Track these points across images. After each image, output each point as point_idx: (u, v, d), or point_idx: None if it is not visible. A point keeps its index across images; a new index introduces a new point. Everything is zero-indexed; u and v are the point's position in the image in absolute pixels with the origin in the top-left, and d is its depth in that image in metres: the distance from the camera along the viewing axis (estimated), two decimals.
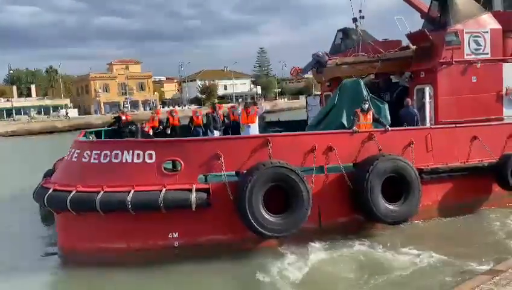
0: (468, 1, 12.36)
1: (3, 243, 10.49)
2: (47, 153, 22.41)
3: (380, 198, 9.01)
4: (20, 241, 10.73)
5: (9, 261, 9.28)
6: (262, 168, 8.28)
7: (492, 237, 9.54)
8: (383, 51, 13.22)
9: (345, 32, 15.55)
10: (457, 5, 11.98)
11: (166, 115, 16.34)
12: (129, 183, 8.24)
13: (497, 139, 10.90)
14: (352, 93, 11.12)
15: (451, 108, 11.81)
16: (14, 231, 11.46)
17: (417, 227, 10.05)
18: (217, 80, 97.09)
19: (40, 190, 8.90)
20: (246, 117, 11.20)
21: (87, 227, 8.57)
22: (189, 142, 9.07)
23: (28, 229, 11.59)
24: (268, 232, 8.26)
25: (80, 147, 8.99)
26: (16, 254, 9.87)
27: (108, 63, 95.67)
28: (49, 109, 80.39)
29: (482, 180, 10.71)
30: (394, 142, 9.80)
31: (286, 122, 17.12)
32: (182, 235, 8.58)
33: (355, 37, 14.62)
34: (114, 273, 8.24)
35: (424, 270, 7.86)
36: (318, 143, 9.13)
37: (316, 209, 9.08)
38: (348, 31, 15.45)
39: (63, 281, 8.64)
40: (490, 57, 12.12)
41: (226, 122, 15.13)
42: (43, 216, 12.10)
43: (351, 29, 15.29)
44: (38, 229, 11.48)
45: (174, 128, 15.86)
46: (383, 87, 13.96)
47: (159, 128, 15.65)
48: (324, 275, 8.00)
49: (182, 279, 8.13)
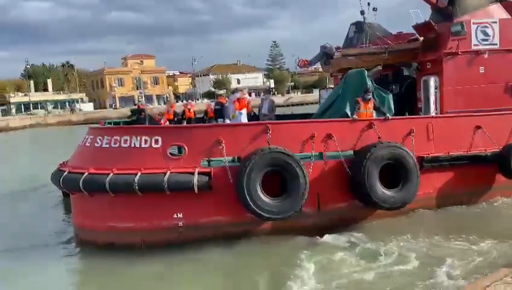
0: None
1: (27, 224, 11.33)
2: (65, 143, 23.45)
3: (377, 184, 9.27)
4: (42, 221, 11.52)
5: (33, 238, 10.10)
6: (260, 153, 8.70)
7: (494, 226, 9.64)
8: (395, 44, 13.36)
9: (358, 25, 15.69)
10: None
11: (183, 108, 17.01)
12: (136, 166, 8.80)
13: (501, 128, 10.93)
14: (356, 84, 11.35)
15: (458, 99, 11.87)
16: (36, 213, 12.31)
17: (417, 214, 10.24)
18: (229, 74, 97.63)
19: (56, 173, 9.62)
20: (237, 104, 11.37)
21: (98, 207, 9.21)
22: (192, 129, 9.60)
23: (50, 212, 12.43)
24: (265, 213, 8.68)
25: (93, 133, 9.65)
26: (38, 232, 10.66)
27: (123, 57, 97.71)
28: (65, 103, 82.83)
29: (484, 170, 10.78)
30: (394, 131, 10.01)
31: (299, 116, 17.43)
32: (185, 216, 9.09)
33: (369, 30, 14.80)
34: (124, 251, 8.83)
35: (423, 259, 7.97)
36: (317, 131, 9.46)
37: (315, 194, 9.44)
38: (361, 24, 15.62)
39: (77, 256, 9.32)
40: (499, 47, 12.09)
41: None
42: (63, 201, 12.92)
43: (364, 23, 15.46)
44: (59, 211, 12.34)
45: (189, 121, 16.51)
46: (392, 78, 14.11)
47: (175, 120, 16.33)
48: (321, 260, 8.25)
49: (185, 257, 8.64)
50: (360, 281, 7.32)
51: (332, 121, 10.09)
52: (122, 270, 8.31)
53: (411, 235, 9.10)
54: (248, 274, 8.03)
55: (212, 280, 7.97)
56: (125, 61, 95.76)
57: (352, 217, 9.85)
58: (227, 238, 8.95)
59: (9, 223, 11.51)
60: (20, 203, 13.80)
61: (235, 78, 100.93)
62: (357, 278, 7.45)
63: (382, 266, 7.84)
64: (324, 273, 7.67)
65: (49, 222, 11.54)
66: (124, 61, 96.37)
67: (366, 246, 8.74)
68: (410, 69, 13.36)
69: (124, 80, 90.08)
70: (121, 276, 8.14)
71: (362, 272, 7.61)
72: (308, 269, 7.79)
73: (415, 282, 7.14)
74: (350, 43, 15.56)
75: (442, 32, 11.88)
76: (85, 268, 9.02)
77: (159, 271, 8.26)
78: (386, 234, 9.18)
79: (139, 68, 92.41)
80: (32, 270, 8.44)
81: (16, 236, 10.38)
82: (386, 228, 9.53)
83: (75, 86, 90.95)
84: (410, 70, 13.43)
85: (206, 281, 7.87)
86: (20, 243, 9.84)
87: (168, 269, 8.34)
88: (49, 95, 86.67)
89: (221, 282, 8.02)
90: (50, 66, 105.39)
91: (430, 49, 12.19)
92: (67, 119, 65.14)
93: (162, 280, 8.02)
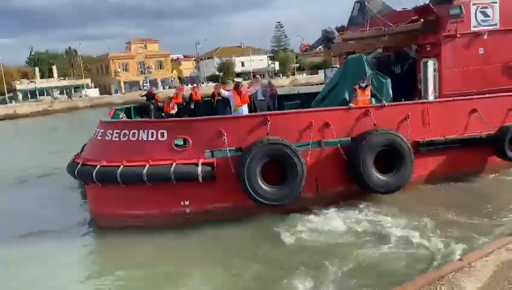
0: None
1: (48, 209, 12.16)
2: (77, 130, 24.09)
3: (372, 170, 9.75)
4: (62, 207, 12.35)
5: (54, 223, 10.85)
6: (260, 144, 9.22)
7: (493, 201, 9.98)
8: (399, 21, 13.42)
9: (362, 3, 15.75)
10: None
11: (190, 91, 17.48)
12: (145, 158, 9.43)
13: (497, 111, 11.19)
14: (355, 70, 11.67)
15: (457, 80, 12.09)
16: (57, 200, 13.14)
17: (417, 191, 10.67)
18: (234, 57, 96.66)
19: (71, 165, 10.33)
20: (238, 98, 11.02)
21: (111, 196, 9.90)
22: (196, 122, 10.10)
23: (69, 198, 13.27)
24: (265, 201, 9.28)
25: (103, 127, 10.25)
26: (58, 217, 11.43)
27: (127, 42, 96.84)
28: (71, 89, 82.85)
29: (480, 152, 11.13)
30: (390, 117, 10.38)
31: (304, 95, 17.78)
32: (192, 203, 9.76)
33: (373, 8, 14.82)
34: (136, 234, 9.56)
35: (424, 233, 8.41)
36: (315, 119, 9.90)
37: (313, 180, 9.99)
38: (365, 2, 15.64)
39: (94, 240, 10.09)
40: (499, 27, 12.16)
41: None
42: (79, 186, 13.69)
43: (368, 1, 15.47)
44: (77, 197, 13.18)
45: (197, 104, 17.02)
46: (394, 59, 14.29)
47: (183, 103, 16.85)
48: (317, 242, 8.73)
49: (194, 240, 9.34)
50: (357, 257, 7.81)
51: (329, 109, 10.48)
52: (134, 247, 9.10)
53: (411, 211, 9.51)
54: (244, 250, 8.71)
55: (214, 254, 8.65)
56: (129, 45, 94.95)
57: (350, 199, 10.36)
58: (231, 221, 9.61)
59: (29, 209, 12.33)
60: (41, 188, 14.66)
61: (240, 60, 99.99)
62: (352, 252, 7.96)
63: (383, 243, 8.23)
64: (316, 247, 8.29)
65: (68, 207, 12.33)
66: (128, 45, 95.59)
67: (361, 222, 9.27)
68: (412, 50, 13.52)
69: (129, 65, 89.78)
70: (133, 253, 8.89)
71: (357, 248, 8.13)
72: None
73: (418, 254, 7.59)
74: (355, 22, 15.67)
75: (441, 14, 11.97)
76: (101, 249, 9.75)
77: (169, 245, 9.06)
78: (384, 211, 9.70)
79: (143, 52, 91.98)
80: (53, 253, 9.18)
81: (36, 221, 11.15)
82: (385, 205, 10.04)
83: (80, 71, 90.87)
84: (412, 51, 13.59)
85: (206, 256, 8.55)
86: (41, 227, 10.58)
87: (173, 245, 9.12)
88: (55, 81, 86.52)
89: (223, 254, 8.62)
90: (55, 53, 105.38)
91: (430, 32, 12.31)
92: (73, 105, 65.59)
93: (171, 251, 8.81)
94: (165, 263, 8.36)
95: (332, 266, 7.44)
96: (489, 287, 4.84)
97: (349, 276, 7.13)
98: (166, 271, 8.01)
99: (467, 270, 5.29)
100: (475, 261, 5.52)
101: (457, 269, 5.35)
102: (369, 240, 8.44)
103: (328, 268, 7.40)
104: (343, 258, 7.71)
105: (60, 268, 8.44)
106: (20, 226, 10.72)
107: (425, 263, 7.29)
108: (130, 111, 16.03)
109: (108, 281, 7.86)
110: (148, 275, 7.90)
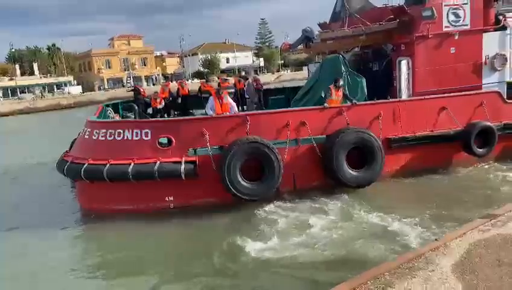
0: None
1: (41, 203, 12.65)
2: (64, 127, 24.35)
3: (344, 165, 10.39)
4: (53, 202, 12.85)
5: (44, 216, 11.37)
6: (239, 143, 9.80)
7: (461, 192, 10.61)
8: (378, 19, 13.89)
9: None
10: None
11: (177, 86, 17.92)
12: (130, 157, 9.97)
13: (465, 109, 11.84)
14: (331, 69, 12.22)
15: (429, 79, 12.67)
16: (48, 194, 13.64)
17: (384, 189, 11.24)
18: (218, 53, 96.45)
19: (61, 162, 10.85)
20: (220, 107, 10.89)
21: (99, 192, 10.47)
22: (179, 122, 10.65)
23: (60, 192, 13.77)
24: (244, 196, 9.90)
25: (91, 127, 10.76)
26: (48, 211, 11.91)
27: (110, 38, 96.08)
28: (53, 86, 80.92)
29: (449, 148, 11.81)
30: (363, 115, 10.99)
31: (288, 89, 18.30)
32: (176, 199, 10.36)
33: (355, 4, 15.24)
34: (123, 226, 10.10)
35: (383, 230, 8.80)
36: (292, 119, 10.49)
37: (291, 176, 10.62)
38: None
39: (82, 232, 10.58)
40: (470, 28, 12.75)
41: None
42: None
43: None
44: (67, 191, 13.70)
45: (184, 98, 17.48)
46: (372, 57, 14.85)
47: (170, 98, 17.30)
48: (292, 232, 9.31)
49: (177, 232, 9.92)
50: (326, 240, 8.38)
51: (305, 109, 11.07)
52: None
53: (384, 204, 10.03)
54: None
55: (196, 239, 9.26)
56: (112, 42, 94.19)
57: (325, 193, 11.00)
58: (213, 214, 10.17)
59: (23, 202, 12.83)
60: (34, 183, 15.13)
61: (225, 57, 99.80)
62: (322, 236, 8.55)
63: (352, 228, 8.82)
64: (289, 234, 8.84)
65: (58, 201, 12.84)
66: (111, 42, 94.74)
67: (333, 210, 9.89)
68: (388, 48, 14.08)
69: (111, 62, 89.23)
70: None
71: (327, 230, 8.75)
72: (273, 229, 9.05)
73: (391, 242, 8.06)
74: (337, 18, 16.15)
75: (414, 15, 12.52)
76: (89, 239, 10.20)
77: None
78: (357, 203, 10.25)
79: (127, 49, 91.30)
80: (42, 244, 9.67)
81: (30, 214, 11.67)
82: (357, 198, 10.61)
83: (63, 68, 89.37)
84: (388, 50, 14.15)
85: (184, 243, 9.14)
86: (34, 220, 11.09)
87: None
88: (36, 79, 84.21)
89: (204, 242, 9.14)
90: (35, 49, 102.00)
91: (404, 32, 12.85)
92: (56, 103, 63.73)
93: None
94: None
95: (306, 257, 7.89)
96: (462, 263, 5.37)
97: (324, 267, 7.55)
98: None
99: (442, 249, 5.79)
100: (450, 241, 6.03)
101: (433, 248, 5.85)
102: (343, 232, 8.88)
103: (303, 258, 7.86)
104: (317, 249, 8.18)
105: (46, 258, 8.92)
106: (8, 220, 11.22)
107: (398, 248, 7.74)
108: (118, 107, 16.46)
109: (88, 268, 8.42)
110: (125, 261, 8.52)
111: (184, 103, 17.26)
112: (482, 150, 11.68)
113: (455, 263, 5.40)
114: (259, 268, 7.67)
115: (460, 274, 5.13)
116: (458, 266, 5.33)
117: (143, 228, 9.94)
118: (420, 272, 5.22)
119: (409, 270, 5.29)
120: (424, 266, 5.39)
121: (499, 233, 6.18)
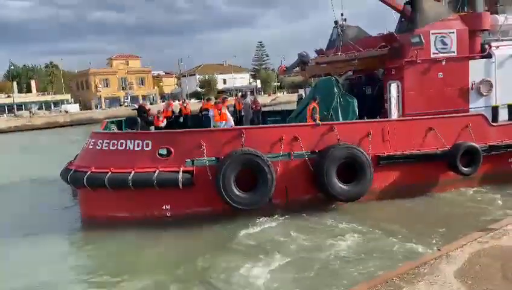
0: (436, 4, 13.77)
1: (42, 213, 13.11)
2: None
3: (335, 180, 10.90)
4: (54, 211, 13.31)
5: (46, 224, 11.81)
6: (234, 155, 10.36)
7: (440, 218, 10.83)
8: (370, 47, 14.70)
9: (339, 29, 17.10)
10: (425, 8, 13.41)
11: (179, 106, 18.65)
12: (131, 166, 10.52)
13: (451, 129, 12.43)
14: (324, 90, 12.92)
15: (417, 102, 13.33)
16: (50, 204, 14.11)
17: (371, 207, 11.58)
18: (216, 74, 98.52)
19: (65, 171, 11.40)
20: (218, 114, 12.03)
21: (100, 200, 10.95)
22: (178, 134, 11.24)
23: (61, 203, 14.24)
24: (238, 205, 10.39)
25: (95, 137, 11.36)
26: (50, 219, 12.39)
27: (108, 58, 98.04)
28: (50, 104, 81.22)
29: (436, 166, 12.33)
30: (353, 133, 11.58)
31: (285, 111, 18.98)
32: (173, 207, 10.83)
33: (350, 34, 16.14)
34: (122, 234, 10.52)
35: (368, 247, 9.15)
36: (285, 134, 11.08)
37: (283, 188, 11.11)
38: (344, 27, 17.00)
39: (83, 240, 11.05)
40: (456, 55, 13.50)
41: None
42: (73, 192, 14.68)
43: (346, 26, 16.82)
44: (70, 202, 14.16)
45: (186, 117, 18.17)
46: (365, 81, 15.59)
47: (172, 117, 17.98)
48: (276, 243, 9.64)
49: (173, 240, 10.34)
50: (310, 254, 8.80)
51: (298, 125, 11.69)
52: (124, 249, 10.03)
53: (371, 218, 10.52)
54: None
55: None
56: (110, 61, 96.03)
57: (315, 206, 11.47)
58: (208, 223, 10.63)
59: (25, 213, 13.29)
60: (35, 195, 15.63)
61: (222, 78, 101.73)
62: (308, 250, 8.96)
63: (342, 245, 9.17)
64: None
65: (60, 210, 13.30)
66: (109, 61, 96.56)
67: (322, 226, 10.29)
68: (379, 73, 14.83)
69: (110, 81, 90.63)
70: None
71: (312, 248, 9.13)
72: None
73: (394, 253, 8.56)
74: (332, 45, 17.01)
75: (403, 42, 13.31)
76: (88, 245, 10.58)
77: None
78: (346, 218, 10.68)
79: (125, 68, 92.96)
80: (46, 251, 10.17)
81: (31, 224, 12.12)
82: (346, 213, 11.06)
83: (60, 86, 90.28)
84: (380, 74, 14.90)
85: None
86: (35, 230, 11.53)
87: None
88: (33, 96, 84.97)
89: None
90: (33, 67, 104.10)
91: (395, 57, 13.62)
92: (53, 121, 63.24)
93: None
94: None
95: (300, 270, 8.19)
96: (463, 270, 5.81)
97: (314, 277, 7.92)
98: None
99: (445, 257, 6.23)
100: (452, 251, 6.48)
101: (437, 257, 6.29)
102: (331, 244, 9.30)
103: (298, 269, 8.22)
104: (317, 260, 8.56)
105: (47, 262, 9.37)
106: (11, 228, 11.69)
107: (388, 263, 8.07)
108: (122, 124, 17.10)
109: (88, 272, 8.87)
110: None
111: (185, 122, 17.94)
112: (467, 169, 12.18)
113: (457, 270, 5.82)
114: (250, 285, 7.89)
115: (462, 279, 5.54)
116: (460, 272, 5.75)
117: (141, 236, 10.39)
118: (426, 277, 5.64)
119: (415, 276, 5.72)
120: (429, 271, 5.84)
121: (498, 244, 6.63)
